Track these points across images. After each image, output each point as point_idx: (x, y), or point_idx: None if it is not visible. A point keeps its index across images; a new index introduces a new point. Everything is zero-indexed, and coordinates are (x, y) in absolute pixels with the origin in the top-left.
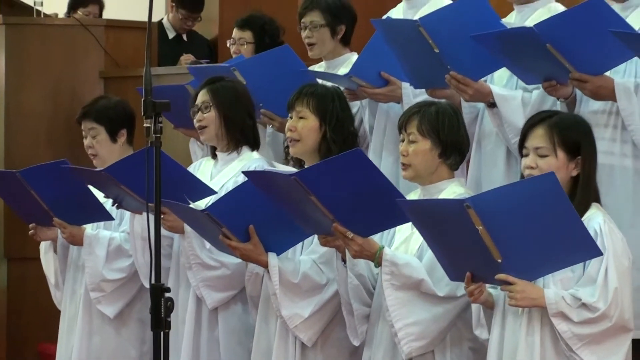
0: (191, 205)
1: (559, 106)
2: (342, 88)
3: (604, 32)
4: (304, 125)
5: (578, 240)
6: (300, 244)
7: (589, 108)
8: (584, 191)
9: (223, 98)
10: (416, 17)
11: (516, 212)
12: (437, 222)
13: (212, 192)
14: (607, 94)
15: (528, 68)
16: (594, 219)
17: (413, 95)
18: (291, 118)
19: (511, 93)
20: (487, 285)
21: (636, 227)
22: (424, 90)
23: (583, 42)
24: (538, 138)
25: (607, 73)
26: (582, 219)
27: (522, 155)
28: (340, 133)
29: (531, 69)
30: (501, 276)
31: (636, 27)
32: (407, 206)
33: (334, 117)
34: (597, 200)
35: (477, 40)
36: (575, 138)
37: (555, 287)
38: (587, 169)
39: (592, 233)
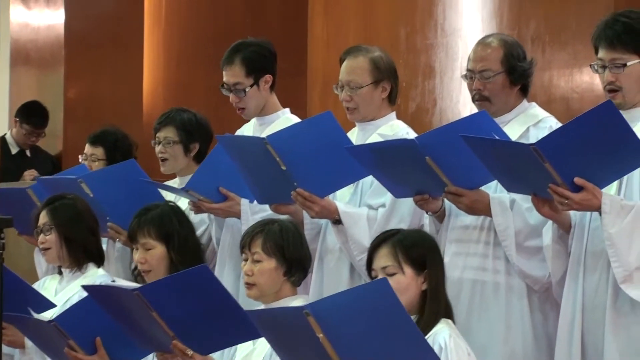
0: (37, 317)
1: (422, 221)
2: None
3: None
4: (152, 255)
5: (416, 347)
6: (151, 355)
7: (460, 223)
8: (432, 305)
9: (63, 219)
10: (264, 134)
11: (354, 318)
12: (283, 332)
13: (53, 305)
14: (482, 208)
15: (400, 181)
16: (440, 334)
17: (252, 212)
18: (137, 249)
19: (357, 211)
20: None
21: (508, 343)
22: (263, 207)
23: (462, 155)
24: (383, 257)
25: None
26: (430, 333)
27: (371, 278)
28: (184, 252)
29: (404, 182)
30: None
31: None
32: (254, 316)
33: (176, 237)
34: (449, 314)
35: (350, 152)
36: (419, 253)
37: None
38: (435, 283)
39: (436, 348)
